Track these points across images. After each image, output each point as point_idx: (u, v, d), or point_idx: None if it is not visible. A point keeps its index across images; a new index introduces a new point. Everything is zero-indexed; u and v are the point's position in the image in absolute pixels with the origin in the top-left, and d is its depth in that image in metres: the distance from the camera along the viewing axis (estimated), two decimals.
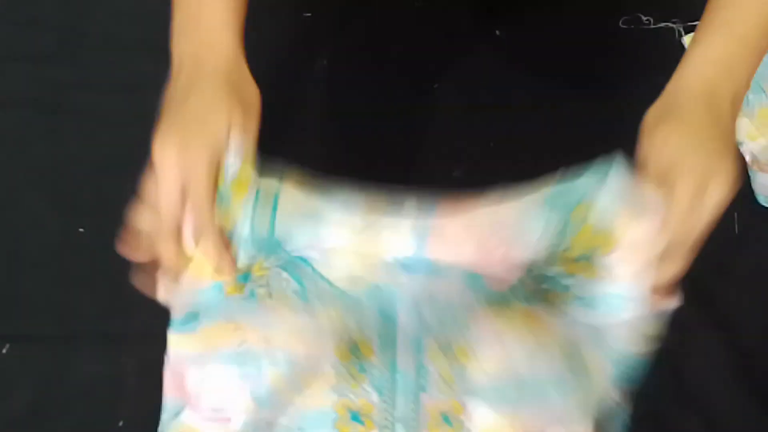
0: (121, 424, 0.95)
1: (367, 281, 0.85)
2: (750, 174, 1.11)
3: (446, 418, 0.80)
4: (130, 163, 1.05)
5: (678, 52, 1.16)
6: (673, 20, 1.16)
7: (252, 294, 0.83)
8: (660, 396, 1.01)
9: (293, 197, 0.84)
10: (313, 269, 0.85)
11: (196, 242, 0.80)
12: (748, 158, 1.11)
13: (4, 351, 0.99)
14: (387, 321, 0.83)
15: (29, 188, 1.06)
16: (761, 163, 1.11)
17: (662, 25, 1.15)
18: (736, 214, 1.09)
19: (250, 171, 0.83)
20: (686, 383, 1.02)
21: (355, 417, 0.80)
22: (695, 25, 1.14)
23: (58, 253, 1.03)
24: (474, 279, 0.85)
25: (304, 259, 0.85)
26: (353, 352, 0.81)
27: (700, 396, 1.02)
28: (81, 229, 1.03)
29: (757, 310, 1.07)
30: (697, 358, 1.03)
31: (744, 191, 1.11)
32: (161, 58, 1.08)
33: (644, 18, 1.16)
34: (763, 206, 1.10)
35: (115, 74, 1.10)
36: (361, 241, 0.84)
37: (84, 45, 1.12)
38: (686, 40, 1.16)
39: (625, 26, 1.13)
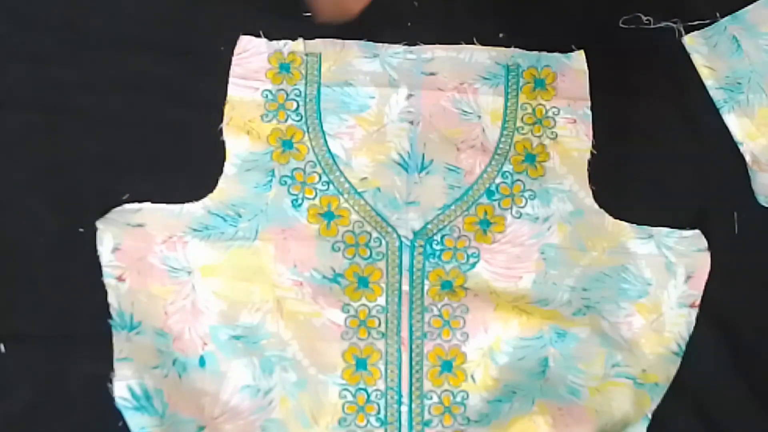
0: (120, 424, 0.95)
1: (372, 184, 1.08)
2: (750, 174, 1.11)
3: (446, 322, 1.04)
4: (130, 163, 1.06)
5: (678, 52, 1.16)
6: (673, 20, 1.16)
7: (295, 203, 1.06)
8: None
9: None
10: (338, 167, 1.08)
11: None
12: (748, 158, 1.11)
13: (2, 351, 0.99)
14: (383, 219, 1.07)
15: (29, 188, 1.05)
16: (761, 164, 1.10)
17: (662, 24, 1.15)
18: (735, 214, 1.09)
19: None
20: (686, 383, 1.02)
21: (363, 323, 1.03)
22: (695, 25, 1.15)
23: (58, 253, 1.03)
24: (454, 173, 1.09)
25: (333, 155, 1.08)
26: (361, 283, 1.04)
27: (700, 396, 1.02)
28: (81, 229, 1.02)
29: (757, 310, 1.07)
30: (697, 358, 1.03)
31: (744, 191, 1.11)
32: (161, 58, 1.08)
33: (644, 18, 1.16)
34: (763, 206, 1.10)
35: (115, 74, 1.09)
36: (373, 141, 1.09)
37: (84, 45, 1.11)
38: (686, 40, 1.16)
39: (625, 26, 1.13)
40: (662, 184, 1.10)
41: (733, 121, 1.12)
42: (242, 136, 1.07)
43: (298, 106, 1.10)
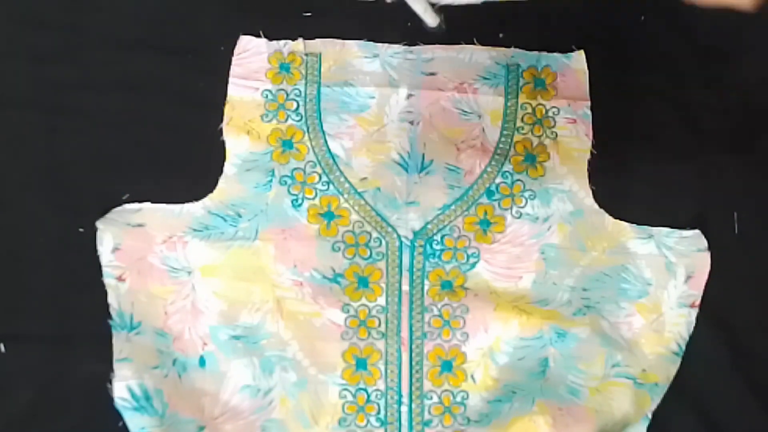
0: (120, 424, 0.95)
1: (372, 184, 1.08)
2: None
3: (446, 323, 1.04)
4: (130, 163, 1.06)
5: (678, 52, 1.16)
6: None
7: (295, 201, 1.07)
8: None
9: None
10: (338, 167, 1.08)
11: None
12: None
13: (2, 351, 0.99)
14: (383, 219, 1.07)
15: (29, 188, 1.05)
16: None
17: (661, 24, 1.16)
18: (735, 214, 1.09)
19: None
20: (686, 383, 1.02)
21: (363, 323, 1.03)
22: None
23: (58, 253, 1.03)
24: (454, 173, 1.09)
25: (333, 155, 1.08)
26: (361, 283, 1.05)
27: (700, 396, 1.02)
28: (81, 229, 1.02)
29: (757, 310, 1.07)
30: (697, 358, 1.03)
31: (744, 191, 1.11)
32: (161, 58, 1.08)
33: (643, 17, 1.16)
34: (763, 206, 1.10)
35: (115, 74, 1.09)
36: (373, 141, 1.09)
37: (84, 45, 1.11)
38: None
39: (625, 26, 1.13)
40: (662, 184, 1.10)
41: None
42: (242, 136, 1.07)
43: (298, 106, 1.10)
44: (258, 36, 1.12)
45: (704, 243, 1.06)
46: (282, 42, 1.12)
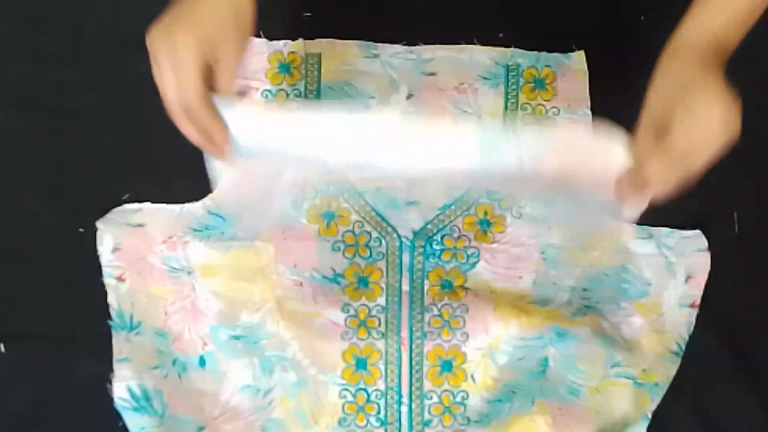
0: (120, 424, 0.95)
1: (372, 184, 1.07)
2: None
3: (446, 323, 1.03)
4: (130, 163, 1.06)
5: None
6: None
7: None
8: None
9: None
10: None
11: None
12: None
13: (2, 351, 0.99)
14: (383, 219, 1.06)
15: (29, 188, 1.05)
16: None
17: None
18: (735, 214, 1.09)
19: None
20: (686, 383, 1.02)
21: (363, 323, 1.03)
22: None
23: (58, 253, 1.03)
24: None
25: None
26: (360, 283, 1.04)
27: (700, 396, 1.02)
28: (81, 229, 1.02)
29: (757, 310, 1.07)
30: (698, 358, 1.03)
31: (744, 191, 1.11)
32: None
33: (643, 18, 1.16)
34: (763, 205, 1.10)
35: (115, 74, 1.10)
36: None
37: (84, 45, 1.11)
38: None
39: (626, 27, 1.13)
40: None
41: None
42: None
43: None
44: (258, 36, 1.12)
45: (704, 243, 1.06)
46: (282, 42, 1.12)
